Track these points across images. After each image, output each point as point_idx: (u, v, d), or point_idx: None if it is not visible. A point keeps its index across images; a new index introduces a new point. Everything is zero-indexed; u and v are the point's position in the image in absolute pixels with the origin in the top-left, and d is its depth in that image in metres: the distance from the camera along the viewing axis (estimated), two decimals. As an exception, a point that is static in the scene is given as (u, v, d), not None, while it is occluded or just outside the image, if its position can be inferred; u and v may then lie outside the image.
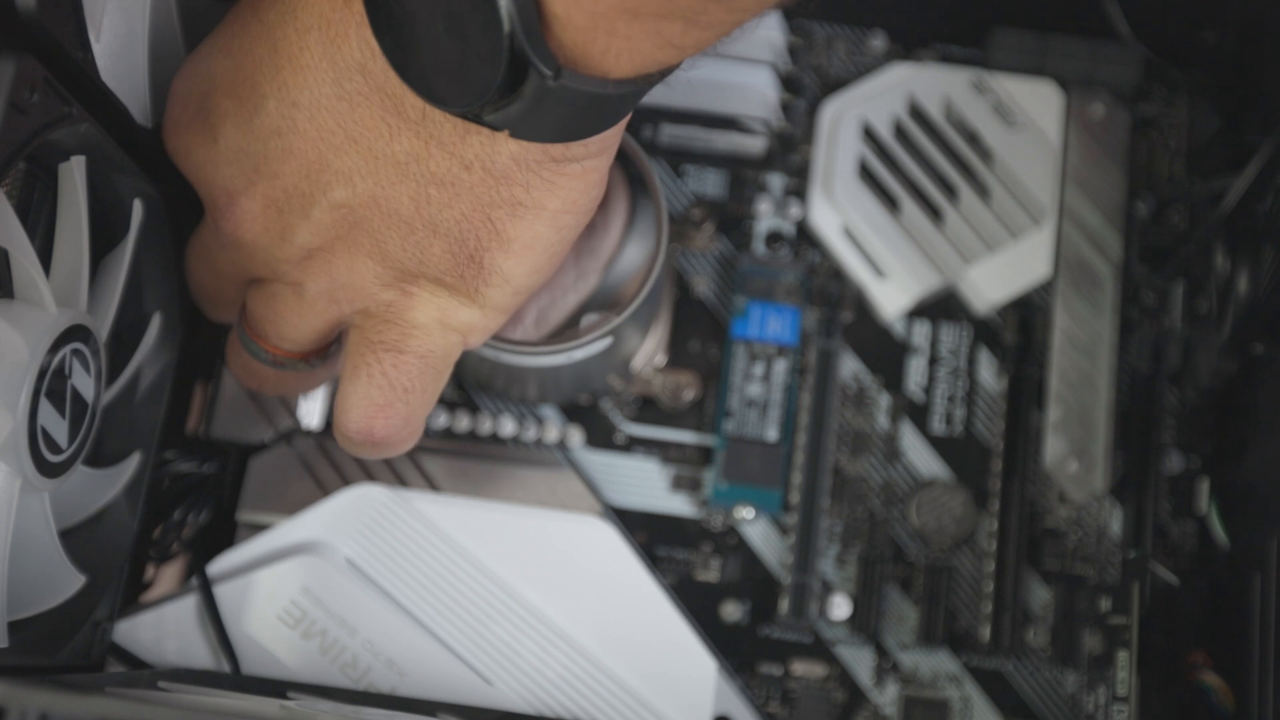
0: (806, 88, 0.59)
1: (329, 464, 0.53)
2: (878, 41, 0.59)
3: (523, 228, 0.40)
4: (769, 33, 0.57)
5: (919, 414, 0.55)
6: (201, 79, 0.43)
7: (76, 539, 0.44)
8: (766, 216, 0.57)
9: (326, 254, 0.42)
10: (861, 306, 0.56)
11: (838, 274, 0.57)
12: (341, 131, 0.40)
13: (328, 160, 0.40)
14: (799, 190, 0.58)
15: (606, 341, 0.49)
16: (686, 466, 0.55)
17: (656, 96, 0.57)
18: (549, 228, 0.41)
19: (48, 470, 0.40)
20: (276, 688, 0.48)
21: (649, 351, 0.55)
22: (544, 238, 0.41)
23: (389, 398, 0.43)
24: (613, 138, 0.40)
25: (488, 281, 0.42)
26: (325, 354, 0.47)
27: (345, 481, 0.53)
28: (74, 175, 0.41)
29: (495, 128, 0.37)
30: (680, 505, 0.54)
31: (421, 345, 0.43)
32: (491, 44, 0.35)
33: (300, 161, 0.41)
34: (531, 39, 0.34)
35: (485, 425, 0.54)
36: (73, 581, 0.43)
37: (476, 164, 0.39)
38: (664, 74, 0.37)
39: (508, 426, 0.54)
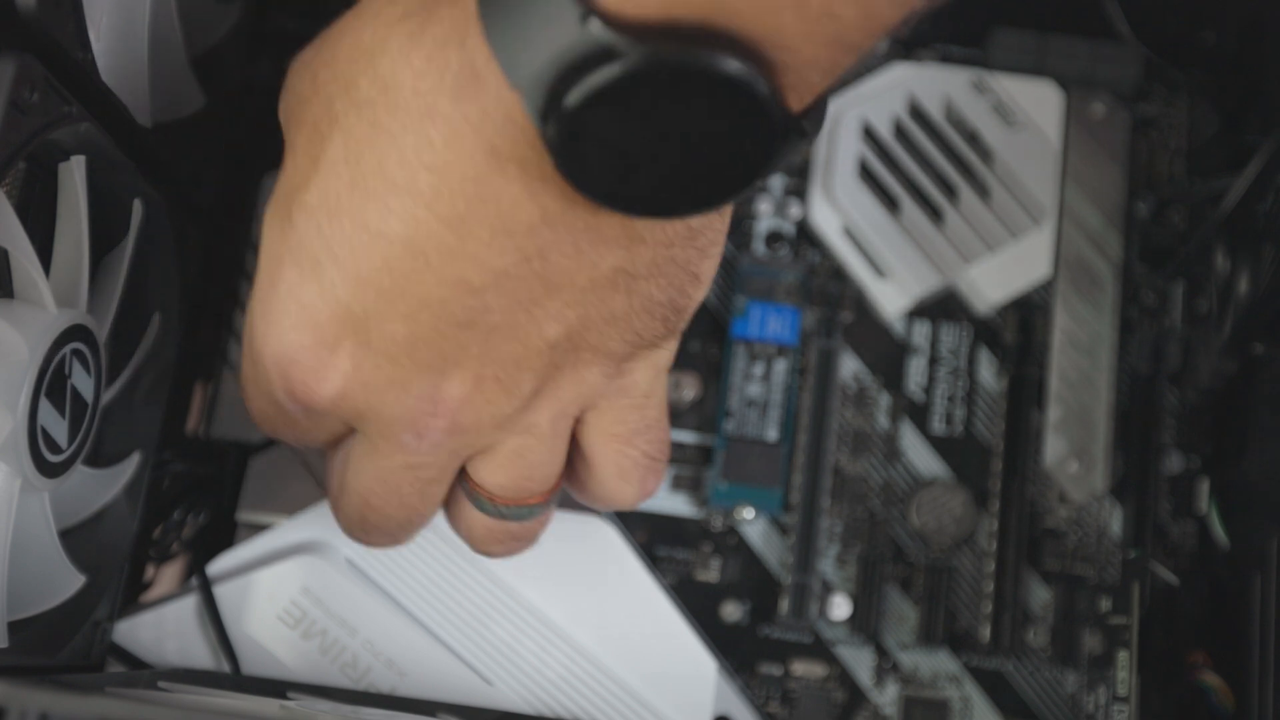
0: (806, 88, 0.59)
1: (329, 464, 0.53)
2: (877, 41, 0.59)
3: (712, 262, 0.39)
4: (769, 33, 0.57)
5: (919, 414, 0.55)
6: (331, 319, 0.37)
7: (76, 539, 0.44)
8: (766, 216, 0.57)
9: (552, 386, 0.39)
10: (861, 306, 0.56)
11: (838, 274, 0.57)
12: (539, 286, 0.36)
13: (533, 314, 0.37)
14: (799, 190, 0.58)
15: (606, 341, 0.49)
16: (686, 466, 0.55)
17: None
18: (722, 244, 0.40)
19: (48, 470, 0.40)
20: (276, 688, 0.48)
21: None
22: (721, 252, 0.40)
23: (653, 468, 0.43)
24: None
25: (687, 317, 0.40)
26: None
27: (345, 481, 0.53)
28: (74, 175, 0.41)
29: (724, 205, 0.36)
30: (680, 505, 0.54)
31: (656, 407, 0.42)
32: (764, 143, 0.33)
33: (501, 333, 0.37)
34: (792, 118, 0.33)
35: (485, 425, 0.54)
36: (73, 581, 0.43)
37: (678, 238, 0.37)
38: None
39: (508, 426, 0.54)
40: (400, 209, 0.35)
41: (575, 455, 0.43)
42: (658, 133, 0.32)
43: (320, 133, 0.36)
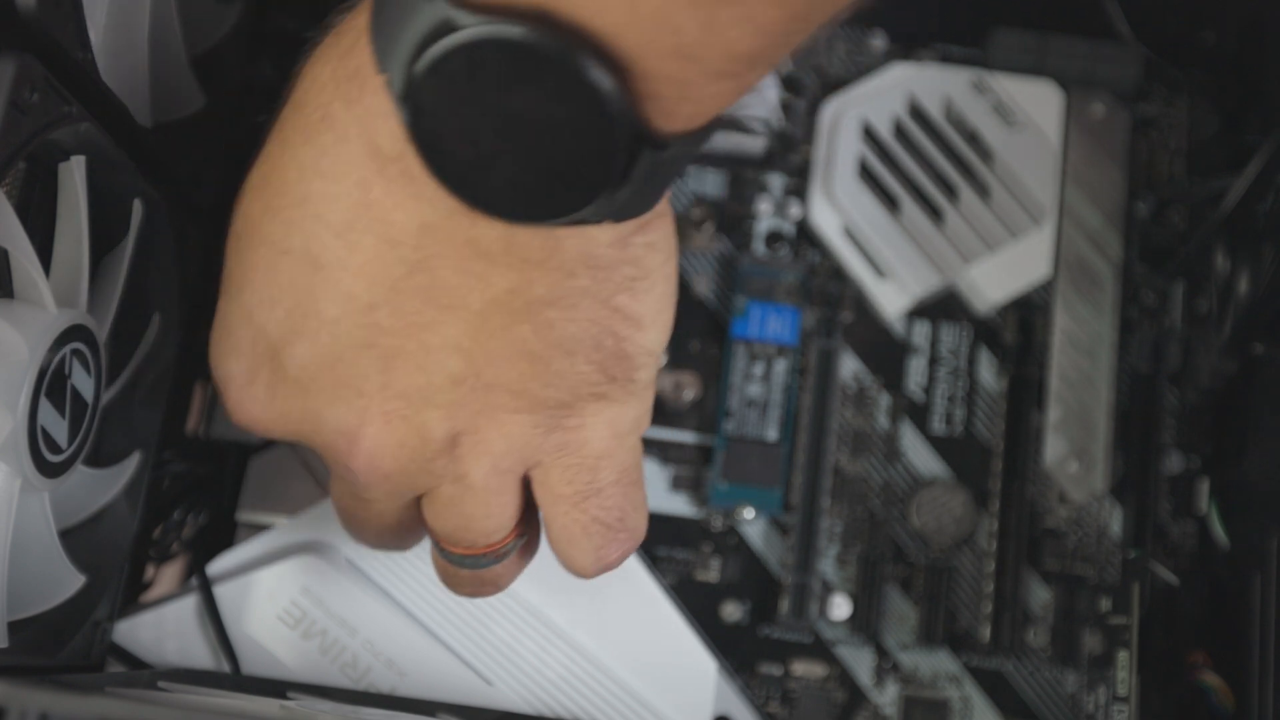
0: (806, 88, 0.59)
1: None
2: (878, 41, 0.59)
3: (648, 299, 0.38)
4: (769, 33, 0.57)
5: (919, 414, 0.55)
6: (249, 343, 0.38)
7: (76, 539, 0.44)
8: (766, 216, 0.57)
9: (472, 434, 0.38)
10: (861, 306, 0.56)
11: (838, 274, 0.57)
12: (431, 306, 0.36)
13: (428, 341, 0.36)
14: (799, 190, 0.58)
15: (606, 341, 0.49)
16: (686, 466, 0.55)
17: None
18: (665, 283, 0.38)
19: (48, 470, 0.40)
20: (276, 688, 0.48)
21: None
22: (665, 294, 0.38)
23: (609, 536, 0.40)
24: None
25: (636, 366, 0.38)
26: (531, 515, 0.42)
27: (345, 481, 0.53)
28: (74, 175, 0.41)
29: (595, 221, 0.34)
30: (680, 505, 0.54)
31: (612, 470, 0.39)
32: (602, 140, 0.32)
33: (400, 358, 0.37)
34: (640, 123, 0.32)
35: (485, 425, 0.54)
36: (73, 581, 0.43)
37: (579, 267, 0.36)
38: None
39: (508, 426, 0.54)
40: (298, 220, 0.36)
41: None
42: (503, 118, 0.32)
43: (255, 166, 0.38)
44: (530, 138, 0.32)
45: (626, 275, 0.37)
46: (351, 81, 0.34)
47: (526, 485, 0.40)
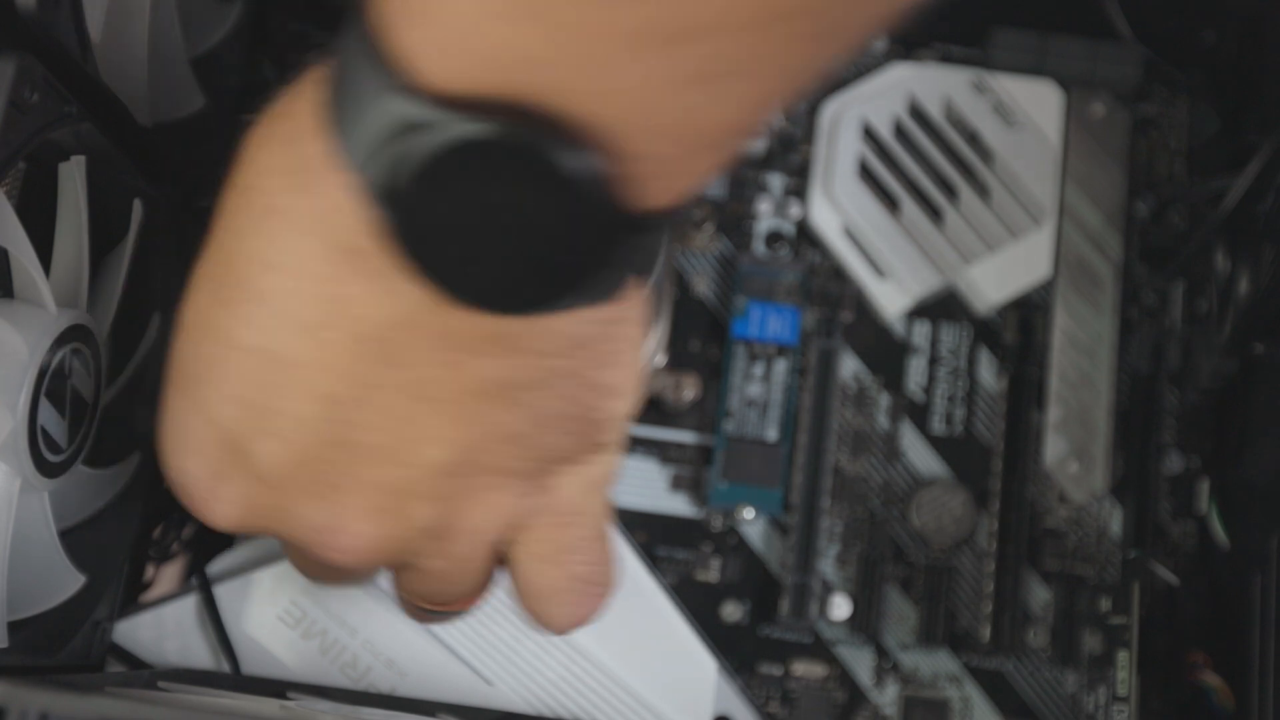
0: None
1: (329, 464, 0.53)
2: (878, 41, 0.59)
3: (620, 371, 0.37)
4: (769, 33, 0.57)
5: (919, 414, 0.55)
6: (209, 442, 0.36)
7: (76, 539, 0.44)
8: (766, 216, 0.57)
9: (456, 514, 0.37)
10: (861, 306, 0.56)
11: (838, 274, 0.57)
12: (405, 399, 0.34)
13: (406, 434, 0.35)
14: (799, 190, 0.58)
15: (606, 341, 0.49)
16: (686, 466, 0.55)
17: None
18: (635, 352, 0.37)
19: (48, 470, 0.40)
20: (276, 688, 0.48)
21: (649, 351, 0.55)
22: (635, 361, 0.37)
23: (587, 592, 0.40)
24: None
25: (607, 431, 0.38)
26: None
27: (345, 481, 0.52)
28: (74, 175, 0.41)
29: (580, 306, 0.33)
30: (680, 505, 0.54)
31: (586, 526, 0.39)
32: (583, 230, 0.31)
33: (379, 454, 0.35)
34: (619, 207, 0.30)
35: (485, 425, 0.54)
36: (73, 581, 0.43)
37: (558, 348, 0.35)
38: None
39: (508, 426, 0.54)
40: (256, 316, 0.34)
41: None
42: (484, 214, 0.30)
43: (202, 252, 0.36)
44: (512, 231, 0.31)
45: (601, 351, 0.36)
46: (302, 173, 0.33)
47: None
